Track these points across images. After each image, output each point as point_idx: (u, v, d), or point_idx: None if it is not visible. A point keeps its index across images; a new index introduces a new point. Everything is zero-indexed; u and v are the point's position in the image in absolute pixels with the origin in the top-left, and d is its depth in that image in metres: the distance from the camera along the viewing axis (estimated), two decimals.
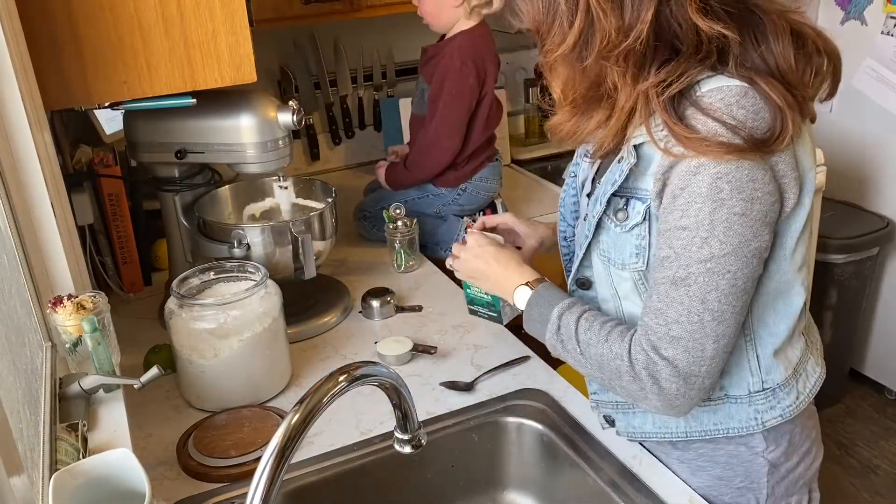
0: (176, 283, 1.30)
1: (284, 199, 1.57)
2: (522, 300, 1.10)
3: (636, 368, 0.94)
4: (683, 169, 0.89)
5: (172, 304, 1.29)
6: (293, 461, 0.82)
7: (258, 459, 0.81)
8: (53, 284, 1.24)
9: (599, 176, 1.05)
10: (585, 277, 1.09)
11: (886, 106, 2.55)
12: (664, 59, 0.89)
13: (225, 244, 1.47)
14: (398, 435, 0.95)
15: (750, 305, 0.96)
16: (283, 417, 0.91)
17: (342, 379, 0.84)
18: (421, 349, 1.42)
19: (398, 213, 1.76)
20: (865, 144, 2.65)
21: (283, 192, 1.55)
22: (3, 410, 0.81)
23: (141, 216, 1.72)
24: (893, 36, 2.48)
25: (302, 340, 1.50)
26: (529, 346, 1.40)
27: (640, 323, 0.97)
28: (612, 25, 0.87)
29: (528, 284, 1.11)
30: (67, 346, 1.17)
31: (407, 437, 0.95)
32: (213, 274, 1.35)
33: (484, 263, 1.18)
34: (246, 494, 0.79)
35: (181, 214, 1.56)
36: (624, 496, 1.08)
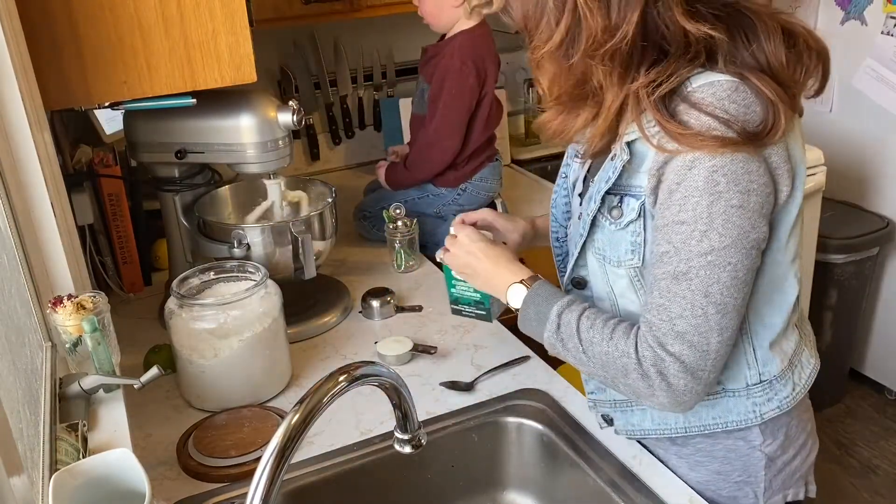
0: (176, 283, 1.30)
1: (276, 193, 1.54)
2: (517, 298, 1.09)
3: (644, 366, 0.94)
4: (678, 164, 0.89)
5: (172, 304, 1.29)
6: (293, 461, 0.82)
7: (258, 459, 0.81)
8: (53, 284, 1.24)
9: (591, 175, 1.06)
10: (581, 276, 1.09)
11: (886, 106, 2.55)
12: (653, 59, 0.90)
13: (225, 244, 1.47)
14: (398, 435, 0.95)
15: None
16: (283, 417, 0.91)
17: (342, 379, 0.84)
18: (421, 349, 1.42)
19: (398, 213, 1.76)
20: (865, 144, 2.65)
21: (274, 187, 1.52)
22: (3, 410, 0.81)
23: (141, 216, 1.72)
24: (893, 36, 2.48)
25: (302, 340, 1.50)
26: (529, 346, 1.40)
27: (642, 320, 0.96)
28: (598, 25, 0.88)
29: (522, 283, 1.09)
30: (67, 346, 1.17)
31: (407, 437, 0.95)
32: (213, 274, 1.35)
33: (475, 259, 1.16)
34: (246, 494, 0.79)
35: (181, 214, 1.56)
36: (624, 496, 1.08)
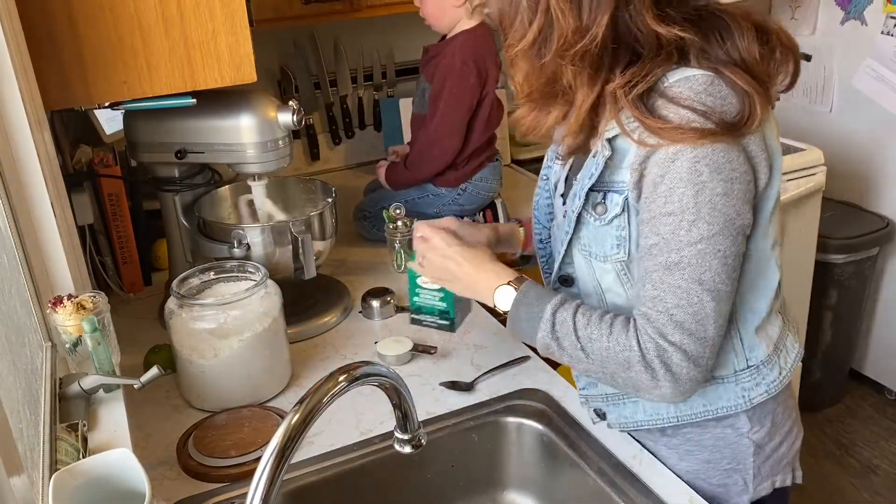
0: (176, 283, 1.30)
1: (260, 195, 1.53)
2: (506, 301, 1.07)
3: (648, 357, 0.94)
4: (661, 157, 0.91)
5: (172, 304, 1.29)
6: (293, 461, 0.82)
7: (258, 459, 0.81)
8: (53, 284, 1.24)
9: (573, 174, 1.07)
10: (567, 274, 1.10)
11: (886, 106, 2.55)
12: (628, 61, 0.93)
13: (225, 244, 1.47)
14: (398, 435, 0.95)
15: None
16: (283, 417, 0.91)
17: (342, 379, 0.84)
18: (421, 349, 1.42)
19: (398, 213, 1.76)
20: (865, 144, 2.65)
21: (259, 189, 1.51)
22: (3, 410, 0.81)
23: (141, 216, 1.72)
24: (893, 36, 2.48)
25: (302, 340, 1.50)
26: (529, 346, 1.40)
27: (637, 314, 0.97)
28: (569, 26, 0.90)
29: (510, 284, 1.08)
30: (67, 346, 1.17)
31: (407, 437, 0.95)
32: (213, 274, 1.35)
33: (454, 264, 1.14)
34: (246, 494, 0.79)
35: (181, 214, 1.56)
36: (624, 496, 1.08)
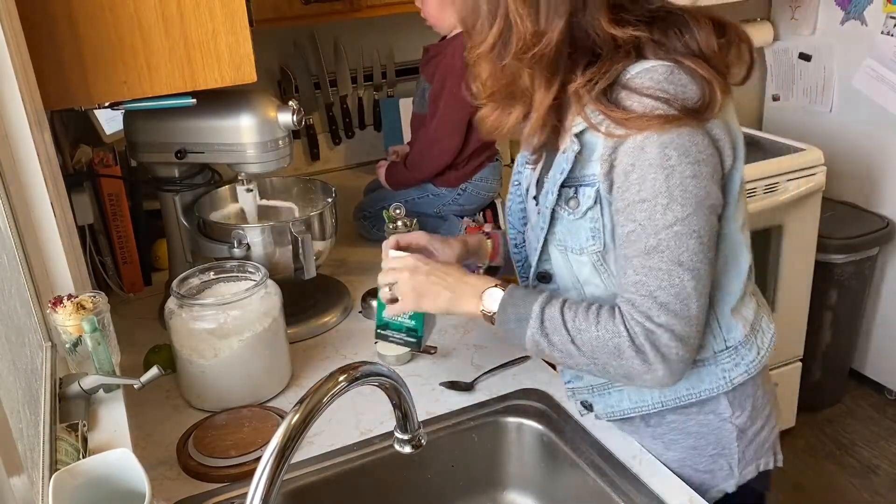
0: (176, 283, 1.30)
1: (249, 202, 1.53)
2: (494, 302, 1.07)
3: (638, 341, 0.95)
4: (629, 147, 0.94)
5: (172, 304, 1.29)
6: (293, 461, 0.82)
7: (258, 459, 0.81)
8: (53, 284, 1.24)
9: (545, 175, 1.09)
10: (545, 270, 1.12)
11: (886, 106, 2.55)
12: (587, 62, 0.96)
13: (225, 244, 1.47)
14: (398, 435, 0.95)
15: None
16: (283, 417, 0.91)
17: (342, 379, 0.84)
18: (421, 349, 1.42)
19: (398, 213, 1.76)
20: (865, 144, 2.65)
21: (247, 195, 1.51)
22: (3, 410, 0.81)
23: (141, 216, 1.72)
24: (893, 36, 2.48)
25: (302, 340, 1.50)
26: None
27: (621, 301, 0.98)
28: (528, 30, 0.94)
29: (497, 286, 1.09)
30: (67, 346, 1.17)
31: (407, 437, 0.95)
32: (213, 274, 1.35)
33: (438, 278, 1.13)
34: (246, 494, 0.79)
35: (181, 214, 1.56)
36: (624, 496, 1.08)
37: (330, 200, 1.56)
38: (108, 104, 1.34)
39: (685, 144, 0.92)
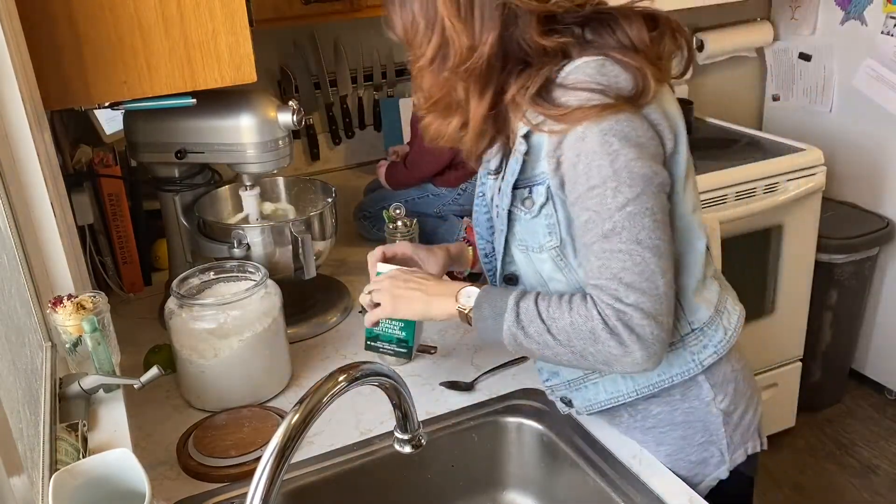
0: (176, 283, 1.30)
1: (252, 205, 1.53)
2: (470, 299, 1.09)
3: (610, 323, 0.95)
4: (572, 140, 0.96)
5: (172, 304, 1.29)
6: (293, 461, 0.82)
7: (258, 459, 0.81)
8: (53, 284, 1.24)
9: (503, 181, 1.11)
10: (511, 273, 1.14)
11: (886, 106, 2.55)
12: (519, 70, 1.00)
13: (225, 244, 1.47)
14: (398, 435, 0.95)
15: None
16: (283, 417, 0.91)
17: (342, 379, 0.84)
18: (421, 349, 1.42)
19: (398, 213, 1.76)
20: (865, 144, 2.65)
21: (250, 199, 1.52)
22: (3, 410, 0.81)
23: (141, 216, 1.72)
24: (893, 36, 2.48)
25: (302, 340, 1.50)
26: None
27: (589, 289, 0.99)
28: (464, 45, 0.98)
29: (473, 286, 1.11)
30: (67, 346, 1.17)
31: (407, 437, 0.95)
32: (213, 274, 1.35)
33: (417, 285, 1.17)
34: (246, 494, 0.79)
35: (181, 214, 1.56)
36: (624, 496, 1.08)
37: (330, 200, 1.56)
38: (108, 104, 1.34)
39: (624, 129, 0.95)
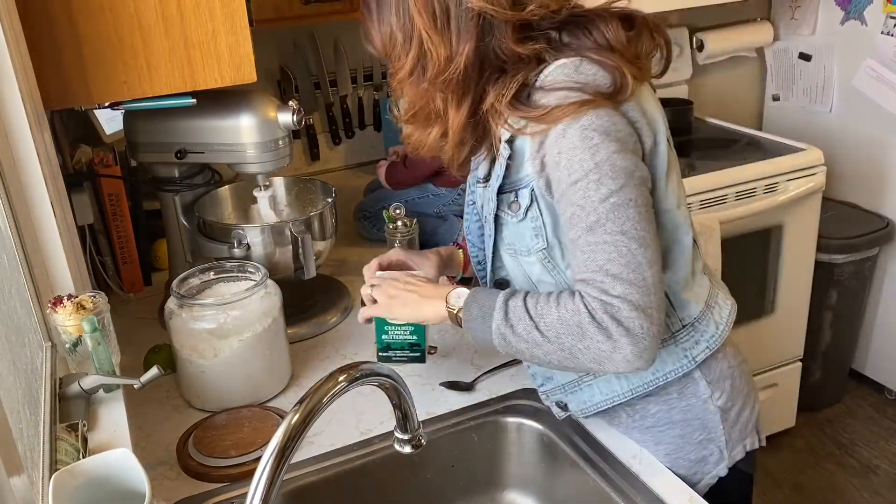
0: (176, 283, 1.30)
1: (266, 205, 1.53)
2: (460, 299, 1.09)
3: (597, 316, 0.94)
4: (553, 137, 0.97)
5: (172, 304, 1.29)
6: (293, 461, 0.82)
7: (258, 459, 0.81)
8: (53, 284, 1.24)
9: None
10: (501, 277, 1.14)
11: (886, 106, 2.55)
12: (496, 77, 1.00)
13: (225, 244, 1.47)
14: (398, 435, 0.95)
15: None
16: (283, 417, 0.91)
17: (342, 379, 0.84)
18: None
19: (398, 213, 1.76)
20: (865, 144, 2.65)
21: (264, 199, 1.52)
22: (3, 410, 0.81)
23: (141, 216, 1.72)
24: (893, 36, 2.48)
25: (302, 340, 1.50)
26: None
27: (577, 284, 0.98)
28: (441, 56, 0.99)
29: (464, 287, 1.12)
30: (67, 346, 1.17)
31: (407, 437, 0.95)
32: (213, 274, 1.35)
33: (412, 287, 1.18)
34: (246, 494, 0.79)
35: (181, 214, 1.56)
36: (624, 496, 1.08)
37: (330, 200, 1.56)
38: (108, 104, 1.34)
39: (604, 124, 0.95)
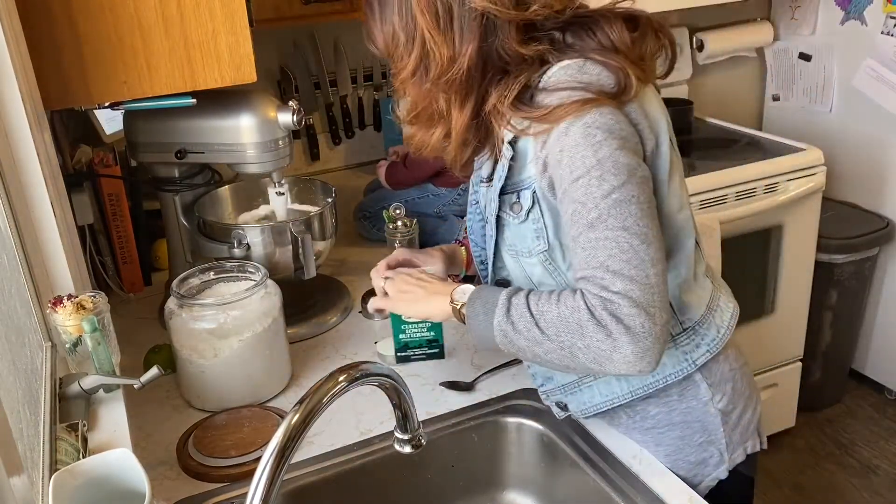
0: (176, 283, 1.30)
1: (280, 204, 1.53)
2: (464, 295, 1.09)
3: (597, 313, 0.92)
4: (555, 136, 0.96)
5: (172, 304, 1.29)
6: (293, 461, 0.82)
7: (258, 459, 0.81)
8: (53, 284, 1.24)
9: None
10: (503, 277, 1.14)
11: (886, 106, 2.55)
12: (498, 79, 1.00)
13: (225, 244, 1.47)
14: (398, 435, 0.95)
15: None
16: (283, 417, 0.91)
17: (342, 379, 0.84)
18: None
19: (398, 213, 1.76)
20: (865, 144, 2.65)
21: (279, 197, 1.52)
22: (3, 410, 0.81)
23: (141, 216, 1.72)
24: (893, 36, 2.48)
25: (302, 340, 1.50)
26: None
27: (577, 282, 0.96)
28: (444, 56, 0.98)
29: (470, 284, 1.12)
30: (67, 346, 1.17)
31: (407, 437, 0.95)
32: (213, 274, 1.35)
33: (421, 283, 1.18)
34: (246, 494, 0.79)
35: (181, 214, 1.56)
36: (624, 496, 1.08)
37: (330, 200, 1.56)
38: (108, 104, 1.34)
39: (608, 122, 0.94)
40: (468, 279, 1.35)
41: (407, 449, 0.95)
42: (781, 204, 2.26)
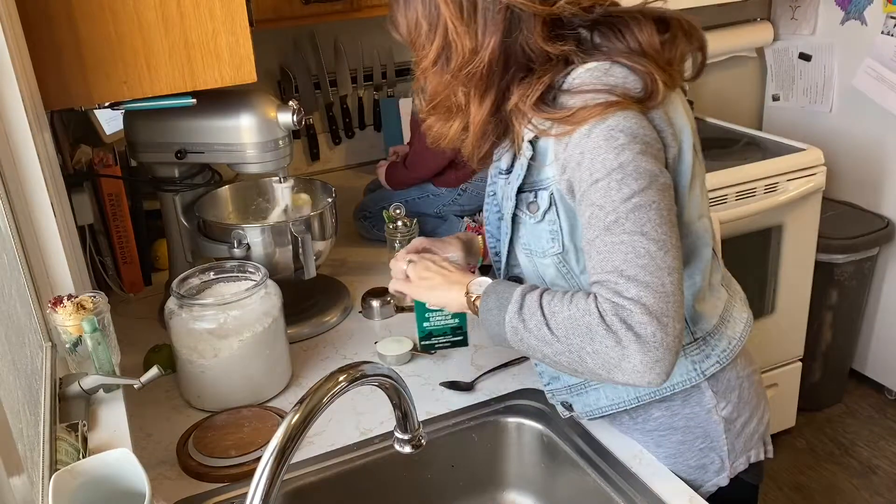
0: (176, 283, 1.30)
1: (287, 196, 1.53)
2: (480, 287, 1.08)
3: (608, 318, 0.90)
4: (577, 138, 0.95)
5: (172, 304, 1.29)
6: (293, 461, 0.82)
7: (258, 459, 0.81)
8: (53, 284, 1.24)
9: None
10: (516, 275, 1.14)
11: (886, 106, 2.55)
12: (521, 76, 0.99)
13: (225, 244, 1.47)
14: (398, 435, 0.95)
15: None
16: (283, 417, 0.91)
17: (342, 379, 0.84)
18: (423, 349, 1.42)
19: (398, 213, 1.76)
20: (865, 144, 2.65)
21: (286, 191, 1.52)
22: (3, 410, 0.81)
23: (141, 216, 1.72)
24: (893, 36, 2.48)
25: (302, 340, 1.50)
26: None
27: (592, 286, 0.95)
28: (466, 47, 0.97)
29: (487, 277, 1.11)
30: (67, 346, 1.17)
31: (407, 437, 0.95)
32: (213, 274, 1.35)
33: (445, 271, 1.17)
34: (246, 494, 0.79)
35: (181, 214, 1.56)
36: (624, 496, 1.08)
37: (330, 200, 1.56)
38: (108, 104, 1.34)
39: (631, 126, 0.93)
40: (486, 269, 1.34)
41: (407, 449, 0.95)
42: (781, 204, 2.26)
